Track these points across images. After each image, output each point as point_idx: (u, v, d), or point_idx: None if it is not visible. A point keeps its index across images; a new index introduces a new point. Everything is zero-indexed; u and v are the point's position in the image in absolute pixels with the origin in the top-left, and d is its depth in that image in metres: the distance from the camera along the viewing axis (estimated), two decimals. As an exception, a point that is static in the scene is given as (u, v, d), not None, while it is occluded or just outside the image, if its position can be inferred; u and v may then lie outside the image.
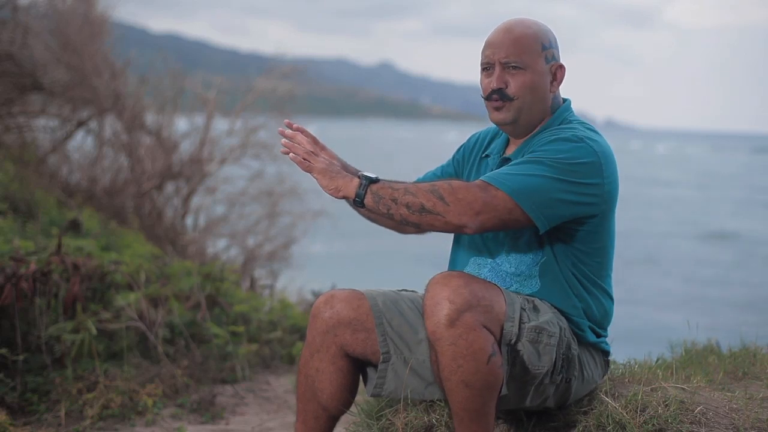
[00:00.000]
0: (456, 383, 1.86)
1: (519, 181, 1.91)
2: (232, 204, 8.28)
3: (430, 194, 1.92)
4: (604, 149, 2.00)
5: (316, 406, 2.15)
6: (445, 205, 1.90)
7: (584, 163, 1.94)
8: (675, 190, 36.22)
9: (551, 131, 2.04)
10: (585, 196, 1.95)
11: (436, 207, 1.91)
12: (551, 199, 1.92)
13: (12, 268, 3.37)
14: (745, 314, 12.10)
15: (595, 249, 2.06)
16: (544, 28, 2.11)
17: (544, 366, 1.96)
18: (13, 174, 6.32)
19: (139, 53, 8.35)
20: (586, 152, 1.95)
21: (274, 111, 8.33)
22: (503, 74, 2.07)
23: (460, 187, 1.91)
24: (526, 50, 2.05)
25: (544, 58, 2.07)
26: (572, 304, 2.05)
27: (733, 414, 2.13)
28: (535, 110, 2.09)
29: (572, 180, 1.93)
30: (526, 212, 1.91)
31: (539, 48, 2.06)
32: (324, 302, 2.15)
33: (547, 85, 2.09)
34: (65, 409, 3.15)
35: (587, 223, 2.01)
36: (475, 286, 1.87)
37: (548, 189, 1.91)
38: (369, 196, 1.97)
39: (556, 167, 1.92)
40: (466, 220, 1.89)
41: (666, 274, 16.33)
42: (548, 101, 2.11)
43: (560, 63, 2.11)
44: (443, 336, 1.84)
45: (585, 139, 1.97)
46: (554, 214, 1.94)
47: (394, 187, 1.97)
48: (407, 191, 1.94)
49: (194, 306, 4.11)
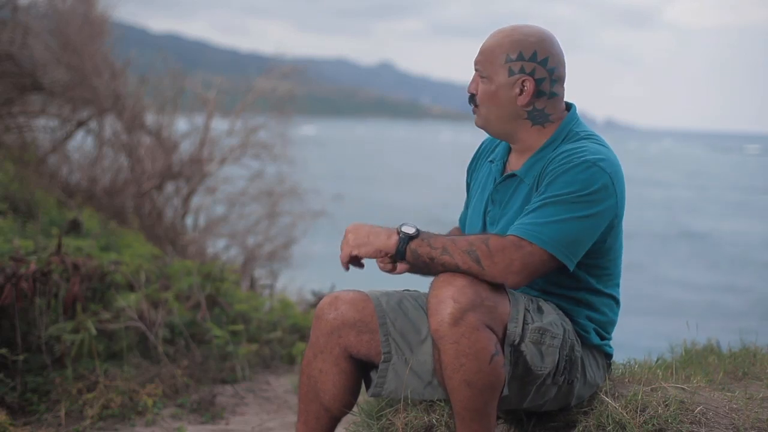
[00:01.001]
0: (458, 382, 1.86)
1: (550, 232, 1.91)
2: (232, 204, 8.29)
3: (466, 255, 1.90)
4: (614, 165, 2.00)
5: (318, 407, 2.15)
6: (481, 269, 1.89)
7: (598, 189, 1.95)
8: (657, 190, 36.19)
9: (562, 156, 2.01)
10: (603, 219, 1.98)
11: (471, 269, 1.89)
12: (579, 240, 1.94)
13: (12, 268, 3.37)
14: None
15: (603, 262, 2.07)
16: (527, 40, 2.05)
17: (547, 367, 1.96)
18: (13, 174, 6.32)
19: (139, 53, 8.36)
20: (599, 177, 1.95)
21: (274, 111, 8.33)
22: (475, 80, 2.12)
23: (497, 248, 1.89)
24: (488, 61, 2.07)
25: (507, 70, 2.05)
26: (576, 308, 2.06)
27: (733, 414, 2.13)
28: (504, 121, 2.09)
29: (591, 212, 1.94)
30: (559, 259, 1.93)
31: (502, 60, 2.05)
32: (328, 303, 2.15)
33: (510, 97, 2.06)
34: (65, 409, 3.15)
35: (598, 239, 2.02)
36: (480, 286, 1.87)
37: (575, 231, 1.93)
38: (408, 253, 1.96)
39: (575, 204, 1.93)
40: (504, 281, 1.91)
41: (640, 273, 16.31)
42: (520, 113, 2.08)
43: (527, 76, 2.04)
44: (446, 335, 1.84)
45: (596, 162, 1.96)
46: (581, 251, 1.97)
47: (432, 245, 1.94)
48: (445, 250, 1.92)
49: (194, 306, 4.11)
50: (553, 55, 2.07)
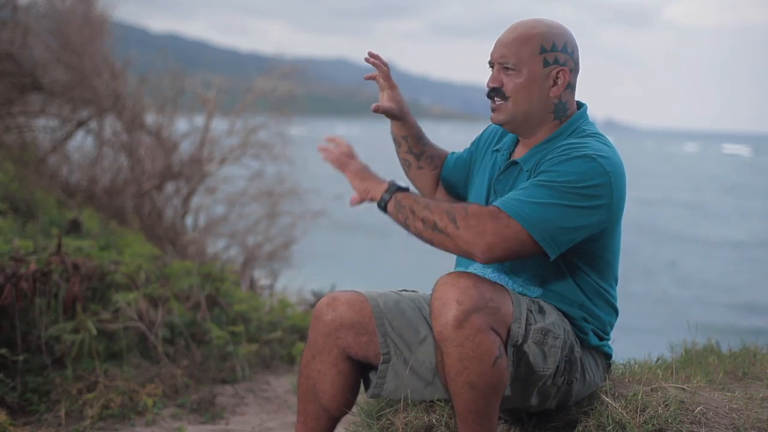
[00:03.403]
0: (461, 384, 1.85)
1: (531, 210, 1.88)
2: (232, 204, 8.29)
3: (445, 214, 1.91)
4: (615, 166, 1.96)
5: (316, 407, 2.15)
6: (455, 229, 1.89)
7: (594, 185, 1.91)
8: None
9: (563, 147, 2.00)
10: (594, 217, 1.93)
11: (447, 228, 1.90)
12: (563, 228, 1.90)
13: (12, 268, 3.37)
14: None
15: (598, 263, 2.06)
16: (556, 30, 2.05)
17: (550, 368, 1.96)
18: (13, 174, 6.32)
19: (139, 53, 8.36)
20: (597, 172, 1.92)
21: (273, 111, 8.34)
22: (499, 74, 2.06)
23: (474, 213, 1.89)
24: (521, 51, 2.02)
25: (542, 60, 2.03)
26: (574, 310, 2.05)
27: (733, 414, 2.12)
28: (531, 113, 2.06)
29: (582, 205, 1.90)
30: (537, 242, 1.89)
31: (537, 50, 2.02)
32: (326, 304, 2.14)
33: (544, 88, 2.04)
34: (65, 409, 3.15)
35: (590, 240, 1.99)
36: (484, 288, 1.86)
37: (560, 218, 1.89)
38: (392, 202, 1.98)
39: (566, 192, 1.90)
40: (475, 249, 1.88)
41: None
42: (548, 105, 2.06)
43: (562, 67, 2.04)
44: (450, 337, 1.83)
45: (597, 158, 1.94)
46: (565, 241, 1.92)
47: (416, 200, 1.96)
48: (427, 206, 1.94)
49: (194, 306, 4.11)
50: (576, 47, 2.09)
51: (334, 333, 2.11)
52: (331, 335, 2.11)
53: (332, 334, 2.11)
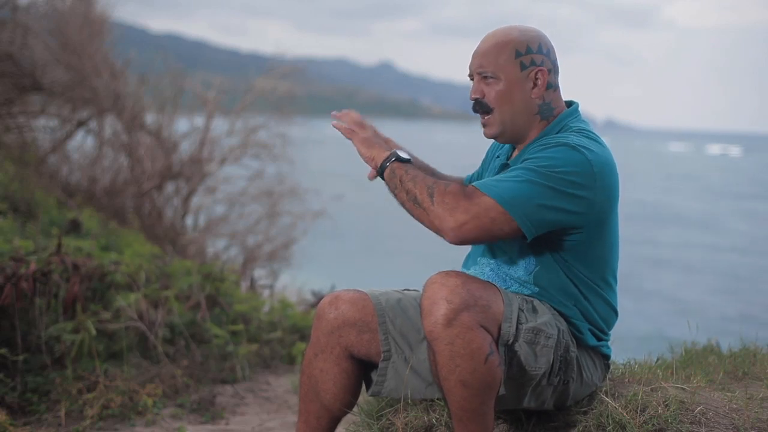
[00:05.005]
0: (454, 383, 1.85)
1: (506, 187, 1.88)
2: (232, 204, 8.30)
3: (425, 189, 1.93)
4: (601, 159, 1.94)
5: (318, 407, 2.15)
6: (431, 204, 1.90)
7: (574, 172, 1.90)
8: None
9: (547, 138, 2.01)
10: (573, 205, 1.91)
11: (424, 203, 1.91)
12: (538, 205, 1.88)
13: (12, 268, 3.37)
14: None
15: (591, 260, 2.04)
16: (529, 34, 2.06)
17: (541, 367, 1.95)
18: (13, 174, 6.33)
19: (139, 53, 8.37)
20: (577, 161, 1.91)
21: (274, 111, 8.35)
22: (479, 84, 2.07)
23: (451, 191, 1.90)
24: (498, 59, 2.04)
25: (519, 64, 2.04)
26: (570, 309, 2.05)
27: (733, 414, 2.12)
28: (517, 118, 2.07)
29: (561, 189, 1.89)
30: (512, 218, 1.87)
31: (512, 55, 2.03)
32: (329, 303, 2.15)
33: (525, 91, 2.05)
34: (65, 409, 3.15)
35: (575, 233, 1.98)
36: (473, 286, 1.86)
37: (535, 195, 1.88)
38: (388, 170, 2.01)
39: (545, 174, 1.89)
40: (444, 225, 1.88)
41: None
42: (532, 108, 2.07)
43: (540, 68, 2.04)
44: (440, 336, 1.83)
45: (579, 148, 1.93)
46: (541, 221, 1.90)
47: (407, 171, 1.98)
48: (414, 179, 1.96)
49: (194, 306, 4.11)
50: (552, 48, 2.10)
51: (337, 331, 2.12)
52: (334, 333, 2.12)
53: (335, 332, 2.12)
